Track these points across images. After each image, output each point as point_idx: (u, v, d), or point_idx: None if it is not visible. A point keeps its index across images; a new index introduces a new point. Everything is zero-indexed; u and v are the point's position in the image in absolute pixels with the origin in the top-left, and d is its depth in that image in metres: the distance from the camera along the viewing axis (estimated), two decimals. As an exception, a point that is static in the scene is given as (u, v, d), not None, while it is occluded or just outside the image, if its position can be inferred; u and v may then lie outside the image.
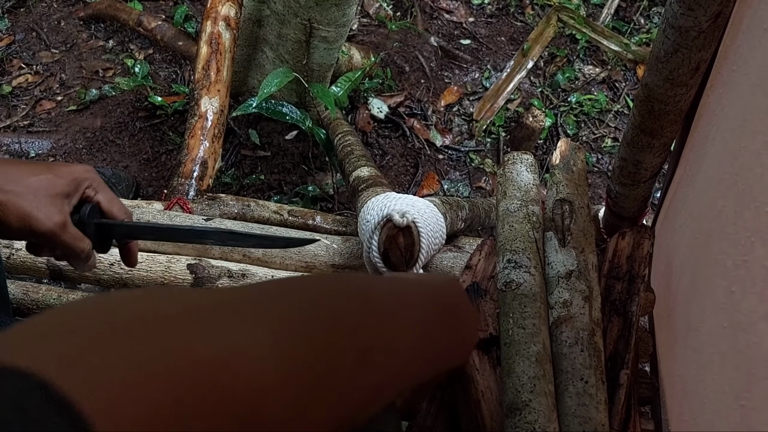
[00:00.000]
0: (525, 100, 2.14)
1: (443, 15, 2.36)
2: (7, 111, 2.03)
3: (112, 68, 2.14)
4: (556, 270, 0.91)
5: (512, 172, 1.03)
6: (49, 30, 2.24)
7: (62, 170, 0.73)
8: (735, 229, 0.65)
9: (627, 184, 1.07)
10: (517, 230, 0.94)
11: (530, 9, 2.40)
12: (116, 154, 1.91)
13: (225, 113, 1.58)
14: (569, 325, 0.84)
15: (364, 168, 1.26)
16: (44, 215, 0.68)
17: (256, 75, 1.91)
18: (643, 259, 0.95)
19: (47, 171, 0.72)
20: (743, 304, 0.60)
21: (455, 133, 2.06)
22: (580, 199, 0.99)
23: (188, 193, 1.40)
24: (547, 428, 0.74)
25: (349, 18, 1.70)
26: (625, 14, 2.39)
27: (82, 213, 0.73)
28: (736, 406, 0.59)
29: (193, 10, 2.26)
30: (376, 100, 2.04)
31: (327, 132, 1.65)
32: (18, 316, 0.97)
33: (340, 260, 1.04)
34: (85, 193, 0.75)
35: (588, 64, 2.25)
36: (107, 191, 0.77)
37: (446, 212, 1.03)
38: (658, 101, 0.89)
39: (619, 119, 2.13)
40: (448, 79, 2.18)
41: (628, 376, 0.83)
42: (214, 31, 1.60)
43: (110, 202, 0.77)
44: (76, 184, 0.73)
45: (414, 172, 1.94)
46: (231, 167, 1.87)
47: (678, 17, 0.78)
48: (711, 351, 0.70)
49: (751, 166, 0.62)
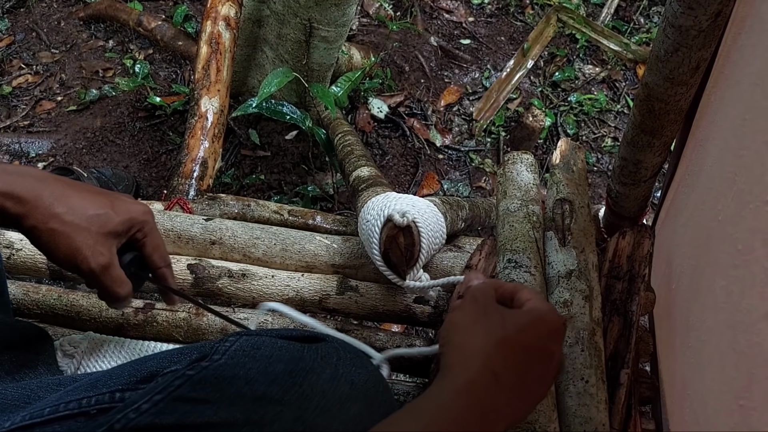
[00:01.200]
0: (525, 100, 2.14)
1: (443, 15, 2.36)
2: (7, 111, 2.03)
3: (112, 68, 2.14)
4: (556, 270, 0.91)
5: (512, 171, 1.03)
6: (49, 30, 2.24)
7: (122, 208, 0.71)
8: (735, 229, 0.65)
9: (627, 183, 1.07)
10: (517, 230, 0.94)
11: (530, 9, 2.40)
12: (116, 154, 1.91)
13: (225, 113, 1.58)
14: (570, 324, 0.84)
15: (364, 168, 1.26)
16: (91, 254, 0.67)
17: (256, 75, 1.91)
18: (644, 258, 0.95)
19: (108, 206, 0.70)
20: (743, 304, 0.60)
21: (455, 133, 2.06)
22: (580, 198, 0.99)
23: (188, 193, 1.40)
24: (548, 428, 0.74)
25: (349, 18, 1.69)
26: (624, 14, 2.39)
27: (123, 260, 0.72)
28: (736, 406, 0.58)
29: (193, 10, 2.26)
30: (376, 100, 2.04)
31: (327, 132, 1.65)
32: (18, 316, 0.97)
33: (340, 260, 1.04)
34: (134, 235, 0.73)
35: (588, 64, 2.25)
36: (155, 236, 0.76)
37: (446, 212, 1.03)
38: (658, 100, 0.89)
39: (619, 119, 2.12)
40: (448, 78, 2.18)
41: (629, 375, 0.83)
42: (214, 31, 1.60)
43: (154, 249, 0.76)
44: (130, 225, 0.72)
45: (414, 171, 1.93)
46: (231, 167, 1.87)
47: (678, 16, 0.78)
48: (711, 351, 0.69)
49: (751, 165, 0.62)
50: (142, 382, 0.63)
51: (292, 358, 0.59)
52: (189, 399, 0.56)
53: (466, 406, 0.55)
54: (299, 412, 0.55)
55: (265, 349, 0.60)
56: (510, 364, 0.58)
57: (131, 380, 0.64)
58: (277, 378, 0.57)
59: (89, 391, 0.63)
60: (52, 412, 0.61)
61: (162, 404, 0.56)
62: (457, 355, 0.60)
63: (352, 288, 1.00)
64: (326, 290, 1.00)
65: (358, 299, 0.99)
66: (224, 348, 0.60)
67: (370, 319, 1.04)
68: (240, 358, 0.59)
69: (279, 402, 0.56)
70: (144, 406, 0.56)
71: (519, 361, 0.59)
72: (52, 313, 0.98)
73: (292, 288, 1.00)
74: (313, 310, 1.01)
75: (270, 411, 0.55)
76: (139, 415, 0.56)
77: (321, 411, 0.56)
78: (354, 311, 1.00)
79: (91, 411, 0.61)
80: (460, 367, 0.58)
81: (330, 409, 0.56)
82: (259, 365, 0.58)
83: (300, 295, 1.00)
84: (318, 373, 0.58)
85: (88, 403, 0.61)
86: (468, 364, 0.58)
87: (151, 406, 0.56)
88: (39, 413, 0.61)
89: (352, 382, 0.59)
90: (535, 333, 0.61)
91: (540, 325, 0.62)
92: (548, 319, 0.63)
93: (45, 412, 0.61)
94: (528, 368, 0.59)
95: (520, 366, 0.59)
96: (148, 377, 0.63)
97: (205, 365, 0.58)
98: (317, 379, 0.58)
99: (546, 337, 0.62)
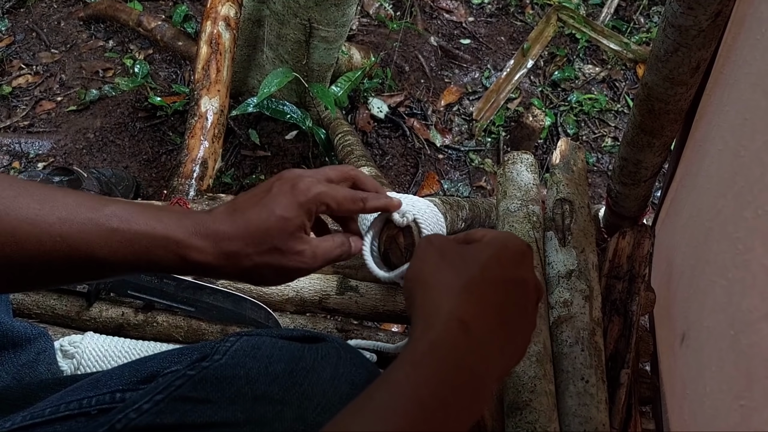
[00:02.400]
0: (525, 100, 2.14)
1: (443, 15, 2.36)
2: (7, 111, 2.03)
3: (112, 68, 2.14)
4: (556, 270, 0.91)
5: (512, 171, 1.03)
6: (49, 30, 2.24)
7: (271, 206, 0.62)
8: (735, 229, 0.65)
9: (627, 183, 1.07)
10: (517, 230, 0.95)
11: (530, 8, 2.40)
12: (116, 155, 1.91)
13: (225, 113, 1.58)
14: (570, 324, 0.84)
15: (364, 168, 1.26)
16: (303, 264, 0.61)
17: (256, 75, 1.91)
18: (644, 258, 0.95)
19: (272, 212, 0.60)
20: (743, 304, 0.60)
21: (455, 133, 2.06)
22: (580, 198, 0.99)
23: (188, 193, 1.40)
24: (548, 428, 0.74)
25: (349, 18, 1.69)
26: (624, 13, 2.39)
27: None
28: (736, 406, 0.58)
29: (193, 10, 2.26)
30: (376, 99, 2.04)
31: (327, 132, 1.66)
32: (18, 316, 0.98)
33: (340, 260, 1.04)
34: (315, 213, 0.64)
35: (588, 64, 2.25)
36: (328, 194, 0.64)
37: (446, 212, 1.03)
38: (658, 100, 0.89)
39: (619, 118, 2.13)
40: (448, 78, 2.18)
41: (629, 375, 0.83)
42: (214, 31, 1.60)
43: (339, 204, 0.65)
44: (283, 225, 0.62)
45: (414, 171, 1.93)
46: (231, 167, 1.87)
47: (678, 16, 0.78)
48: (711, 351, 0.70)
49: (751, 165, 0.62)
50: (143, 382, 0.63)
51: (293, 358, 0.59)
52: (190, 399, 0.56)
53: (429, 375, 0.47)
54: (300, 412, 0.55)
55: (265, 348, 0.60)
56: (481, 307, 0.52)
57: (132, 380, 0.64)
58: (277, 377, 0.57)
59: (90, 391, 0.63)
60: (53, 412, 0.61)
61: (163, 404, 0.56)
62: (421, 314, 0.53)
63: (352, 288, 1.00)
64: (326, 290, 1.00)
65: (358, 299, 1.00)
66: (225, 348, 0.60)
67: (370, 319, 1.04)
68: (240, 357, 0.59)
69: (279, 401, 0.56)
70: (145, 405, 0.56)
71: (491, 301, 0.53)
72: (52, 313, 0.98)
73: (292, 288, 1.00)
74: (313, 310, 1.01)
75: (271, 410, 0.55)
76: (140, 414, 0.56)
77: (321, 410, 0.56)
78: (354, 311, 1.00)
79: (92, 411, 0.61)
80: (421, 328, 0.51)
81: (330, 408, 0.56)
82: (260, 365, 0.58)
83: (300, 295, 1.00)
84: (318, 372, 0.58)
85: (89, 403, 0.61)
86: (430, 323, 0.51)
87: (152, 406, 0.56)
88: (40, 413, 0.61)
89: (353, 382, 0.59)
90: (500, 264, 0.55)
91: (504, 254, 0.56)
92: (510, 245, 0.57)
93: (46, 412, 0.61)
94: (503, 305, 0.54)
95: (494, 305, 0.53)
96: (149, 377, 0.63)
97: (206, 365, 0.58)
98: (318, 378, 0.58)
99: (512, 265, 0.56)
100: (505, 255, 0.56)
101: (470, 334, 0.50)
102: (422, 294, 0.54)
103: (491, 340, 0.52)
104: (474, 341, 0.50)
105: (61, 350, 0.88)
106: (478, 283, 0.54)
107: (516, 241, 0.58)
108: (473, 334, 0.51)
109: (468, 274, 0.54)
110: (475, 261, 0.55)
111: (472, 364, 0.49)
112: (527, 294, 0.56)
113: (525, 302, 0.55)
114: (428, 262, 0.57)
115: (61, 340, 0.90)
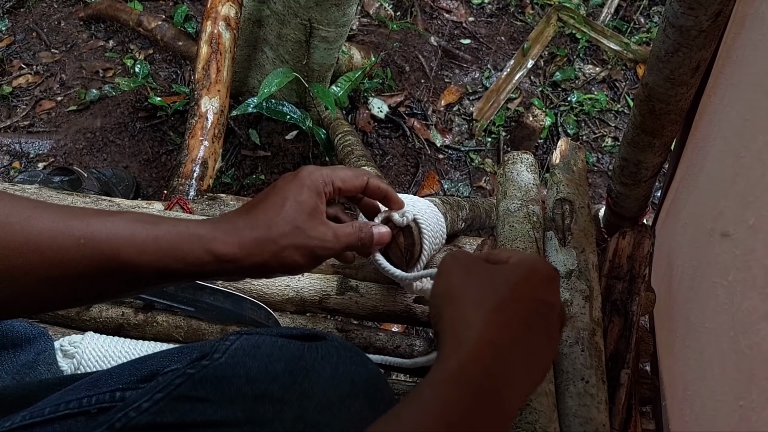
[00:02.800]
0: (525, 100, 2.14)
1: (443, 15, 2.36)
2: (7, 111, 2.03)
3: (112, 68, 2.14)
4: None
5: (512, 171, 1.03)
6: (49, 30, 2.24)
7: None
8: (735, 229, 0.65)
9: (628, 183, 1.07)
10: (517, 230, 0.95)
11: (530, 8, 2.40)
12: (116, 155, 1.91)
13: (225, 113, 1.58)
14: (570, 324, 0.84)
15: (364, 168, 1.26)
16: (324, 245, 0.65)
17: (256, 75, 1.91)
18: (644, 258, 0.95)
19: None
20: (744, 304, 0.60)
21: (455, 133, 2.06)
22: (580, 198, 0.99)
23: (188, 194, 1.40)
24: (548, 428, 0.74)
25: (349, 18, 1.69)
26: (625, 13, 2.39)
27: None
28: (736, 406, 0.58)
29: (193, 10, 2.26)
30: (376, 100, 2.04)
31: (327, 132, 1.66)
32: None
33: (340, 260, 1.04)
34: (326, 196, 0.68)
35: (588, 64, 2.25)
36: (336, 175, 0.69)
37: (446, 212, 1.03)
38: (658, 100, 0.89)
39: (619, 119, 2.13)
40: (448, 78, 2.18)
41: (629, 375, 0.83)
42: (214, 31, 1.60)
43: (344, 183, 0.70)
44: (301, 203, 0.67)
45: (414, 171, 1.93)
46: (231, 167, 1.87)
47: (678, 16, 0.78)
48: (711, 351, 0.69)
49: (752, 165, 0.62)
50: (143, 381, 0.63)
51: (293, 357, 0.59)
52: (189, 398, 0.56)
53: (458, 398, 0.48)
54: (300, 411, 0.55)
55: (265, 347, 0.60)
56: (510, 329, 0.52)
57: (132, 379, 0.64)
58: (277, 376, 0.57)
59: (89, 391, 0.63)
60: (52, 411, 0.61)
61: (162, 403, 0.56)
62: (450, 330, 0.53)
63: (353, 288, 1.00)
64: (326, 290, 1.00)
65: (358, 299, 0.99)
66: (224, 347, 0.60)
67: (370, 319, 1.04)
68: (240, 356, 0.59)
69: (279, 400, 0.56)
70: (145, 404, 0.56)
71: (519, 323, 0.53)
72: (52, 312, 0.98)
73: (293, 288, 1.00)
74: (313, 310, 1.01)
75: (270, 409, 0.55)
76: (140, 413, 0.56)
77: (321, 409, 0.56)
78: (354, 311, 1.00)
79: (92, 410, 0.61)
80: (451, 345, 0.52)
81: (330, 407, 0.56)
82: (260, 364, 0.58)
83: (300, 295, 1.00)
84: (318, 371, 0.58)
85: (89, 402, 0.61)
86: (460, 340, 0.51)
87: (152, 405, 0.56)
88: (39, 413, 0.61)
89: (353, 381, 0.59)
90: (530, 286, 0.55)
91: (533, 277, 0.56)
92: (540, 269, 0.57)
93: (45, 411, 0.61)
94: (531, 327, 0.53)
95: (523, 327, 0.53)
96: (149, 376, 0.63)
97: (206, 364, 0.58)
98: (317, 377, 0.58)
99: (542, 288, 0.56)
100: (535, 278, 0.56)
101: (500, 356, 0.51)
102: (451, 309, 0.55)
103: (519, 363, 0.52)
104: (503, 363, 0.51)
105: (61, 350, 0.88)
106: (508, 303, 0.54)
107: (545, 265, 0.59)
108: (502, 356, 0.51)
109: (498, 294, 0.54)
110: (504, 281, 0.55)
111: (501, 386, 0.50)
112: (554, 318, 0.56)
113: (550, 327, 0.56)
114: (455, 277, 0.57)
115: (61, 340, 0.90)
